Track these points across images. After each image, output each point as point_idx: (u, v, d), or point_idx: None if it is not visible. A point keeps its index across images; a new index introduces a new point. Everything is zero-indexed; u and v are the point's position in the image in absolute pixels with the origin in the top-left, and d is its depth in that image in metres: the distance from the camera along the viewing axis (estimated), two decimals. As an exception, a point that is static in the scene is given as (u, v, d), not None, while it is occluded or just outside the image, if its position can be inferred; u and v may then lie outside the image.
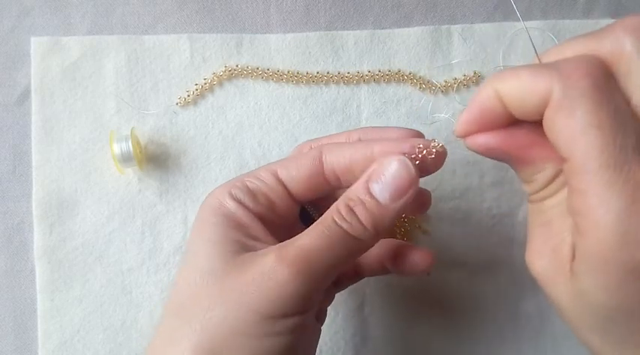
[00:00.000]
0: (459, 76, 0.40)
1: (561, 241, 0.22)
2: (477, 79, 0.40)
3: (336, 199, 0.26)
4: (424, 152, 0.26)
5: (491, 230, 0.40)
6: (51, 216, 0.39)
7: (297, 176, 0.28)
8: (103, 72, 0.40)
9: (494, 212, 0.40)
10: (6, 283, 0.39)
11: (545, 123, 0.21)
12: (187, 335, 0.24)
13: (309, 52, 0.40)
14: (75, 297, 0.39)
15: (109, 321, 0.39)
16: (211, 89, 0.40)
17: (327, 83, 0.40)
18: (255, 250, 0.26)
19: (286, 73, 0.40)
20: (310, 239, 0.24)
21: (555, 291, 0.22)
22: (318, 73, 0.40)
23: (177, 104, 0.40)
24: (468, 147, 0.24)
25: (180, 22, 0.40)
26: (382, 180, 0.25)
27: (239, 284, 0.24)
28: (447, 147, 0.40)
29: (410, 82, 0.40)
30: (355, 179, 0.26)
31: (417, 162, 0.26)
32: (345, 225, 0.24)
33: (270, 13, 0.41)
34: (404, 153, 0.25)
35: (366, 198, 0.25)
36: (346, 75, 0.40)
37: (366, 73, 0.40)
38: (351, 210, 0.25)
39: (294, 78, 0.40)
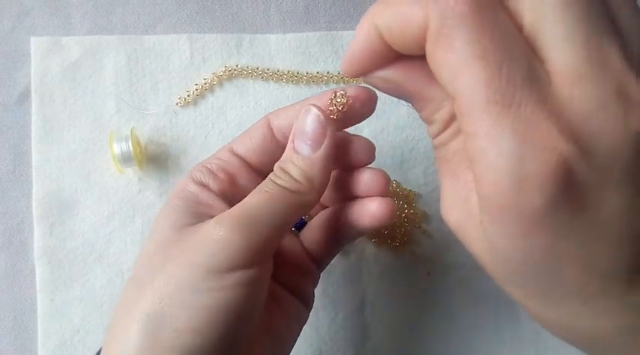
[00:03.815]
0: (459, 75, 0.40)
1: (470, 191, 0.20)
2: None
3: None
4: (333, 105, 0.28)
5: (492, 230, 0.40)
6: (51, 216, 0.39)
7: (251, 145, 0.29)
8: (103, 72, 0.40)
9: (494, 212, 0.40)
10: (6, 283, 0.39)
11: (427, 57, 0.18)
12: (139, 301, 0.25)
13: (309, 52, 0.40)
14: (75, 297, 0.39)
15: (109, 321, 0.39)
16: (211, 89, 0.40)
17: (327, 83, 0.40)
18: None
19: (286, 73, 0.40)
20: (250, 198, 0.26)
21: (471, 244, 0.20)
22: (318, 73, 0.40)
23: (177, 104, 0.40)
24: (367, 83, 0.22)
25: (180, 22, 0.40)
26: (301, 135, 0.27)
27: (183, 247, 0.25)
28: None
29: (410, 81, 0.40)
30: None
31: (336, 112, 0.27)
32: (279, 181, 0.26)
33: (270, 13, 0.41)
34: (330, 103, 0.27)
35: (293, 155, 0.27)
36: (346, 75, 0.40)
37: (366, 73, 0.40)
38: (283, 170, 0.27)
39: (294, 78, 0.40)
